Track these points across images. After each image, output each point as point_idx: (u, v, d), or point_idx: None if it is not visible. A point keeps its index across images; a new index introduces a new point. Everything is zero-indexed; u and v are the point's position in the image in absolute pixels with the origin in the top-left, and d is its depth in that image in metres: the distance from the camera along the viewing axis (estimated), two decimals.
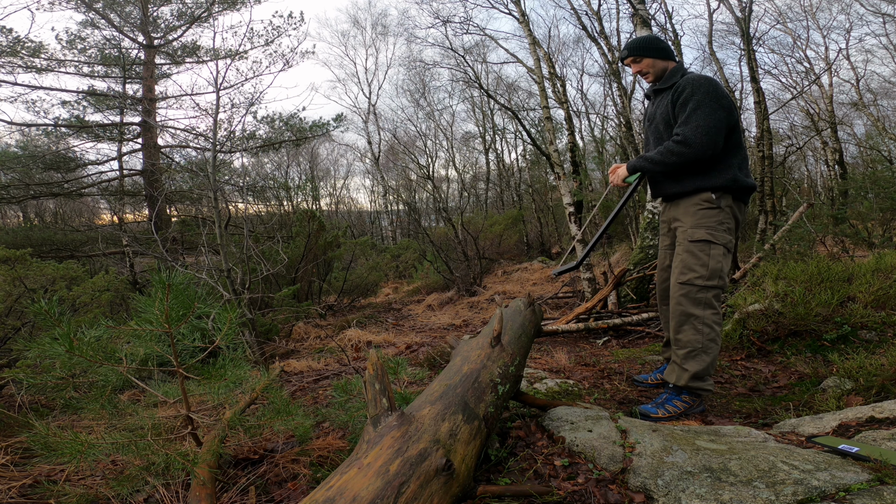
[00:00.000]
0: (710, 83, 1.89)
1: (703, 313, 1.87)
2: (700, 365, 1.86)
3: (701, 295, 1.88)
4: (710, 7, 10.18)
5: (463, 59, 12.37)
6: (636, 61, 2.09)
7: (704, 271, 1.88)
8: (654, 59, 2.06)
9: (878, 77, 16.08)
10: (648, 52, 2.06)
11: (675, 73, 2.03)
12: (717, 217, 1.92)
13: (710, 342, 1.87)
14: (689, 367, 1.87)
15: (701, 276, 1.88)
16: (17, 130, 9.40)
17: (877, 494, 0.91)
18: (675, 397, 1.92)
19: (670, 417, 1.87)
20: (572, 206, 5.83)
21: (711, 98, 1.85)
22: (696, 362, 1.86)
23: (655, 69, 2.07)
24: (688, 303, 1.89)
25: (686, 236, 1.95)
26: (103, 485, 1.41)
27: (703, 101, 1.85)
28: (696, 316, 1.87)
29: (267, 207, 17.22)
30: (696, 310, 1.88)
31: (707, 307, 1.88)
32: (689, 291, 1.89)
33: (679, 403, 1.89)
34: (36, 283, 4.12)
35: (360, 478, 0.90)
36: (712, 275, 1.88)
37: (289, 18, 10.31)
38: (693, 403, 1.91)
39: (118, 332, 1.49)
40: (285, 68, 10.36)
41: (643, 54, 2.07)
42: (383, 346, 4.23)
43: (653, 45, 2.07)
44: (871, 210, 6.75)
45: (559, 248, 13.43)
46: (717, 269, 1.89)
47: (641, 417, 1.87)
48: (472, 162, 24.70)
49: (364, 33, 31.66)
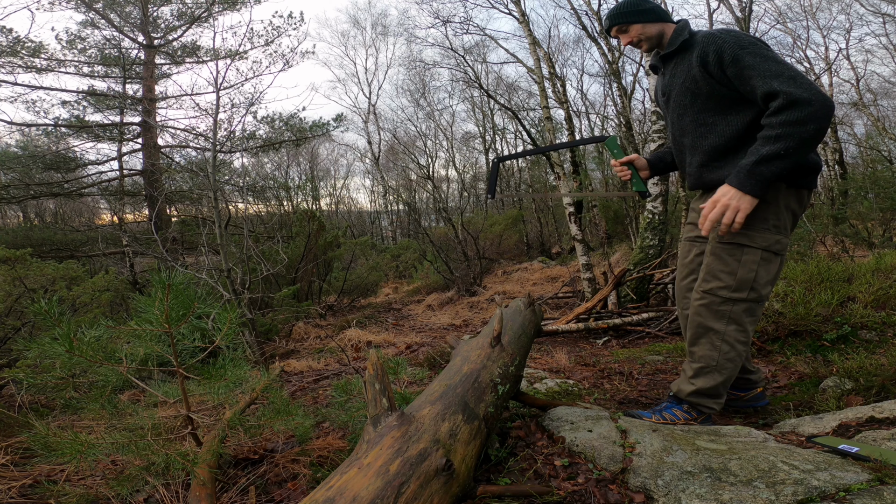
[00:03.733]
0: (739, 32, 1.52)
1: (725, 329, 1.59)
2: (710, 383, 1.63)
3: (724, 308, 1.59)
4: (710, 7, 10.19)
5: (463, 59, 12.38)
6: (623, 30, 1.74)
7: (731, 281, 1.56)
8: (643, 24, 1.70)
9: (878, 77, 16.09)
10: (634, 16, 1.70)
11: (680, 32, 1.65)
12: (762, 212, 1.50)
13: (728, 362, 1.61)
14: (696, 383, 1.65)
15: (726, 287, 1.57)
16: (17, 130, 9.41)
17: (877, 494, 0.91)
18: (675, 406, 1.71)
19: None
20: (572, 205, 5.83)
21: (759, 45, 1.45)
22: (707, 379, 1.64)
23: (648, 35, 1.70)
24: (708, 315, 1.61)
25: (716, 234, 1.59)
26: (103, 485, 1.41)
27: (758, 49, 1.43)
28: (715, 331, 1.60)
29: (267, 207, 17.22)
30: (716, 324, 1.60)
31: (731, 322, 1.59)
32: (712, 302, 1.60)
33: (679, 413, 1.68)
34: (36, 283, 4.12)
35: (360, 478, 0.90)
36: (741, 286, 1.56)
37: (289, 18, 10.32)
38: (694, 417, 1.68)
39: (118, 332, 1.49)
40: (285, 68, 10.38)
41: (629, 20, 1.71)
42: (383, 346, 4.23)
43: (637, 6, 1.70)
44: (871, 210, 6.75)
45: (559, 248, 13.43)
46: (747, 278, 1.55)
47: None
48: (472, 162, 24.73)
49: (364, 33, 31.73)
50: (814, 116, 1.32)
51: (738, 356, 1.62)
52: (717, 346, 1.60)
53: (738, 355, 1.62)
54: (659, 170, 1.93)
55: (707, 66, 1.52)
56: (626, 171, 1.88)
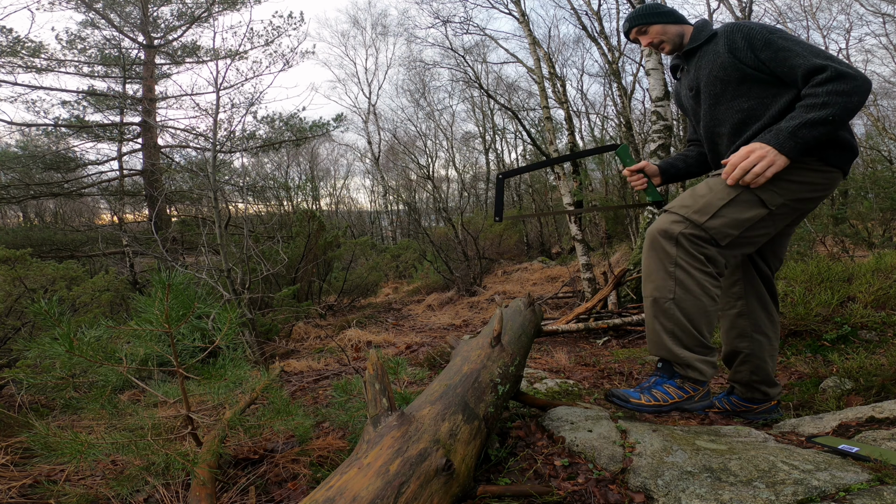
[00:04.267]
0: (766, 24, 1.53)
1: (676, 252, 1.46)
2: (672, 324, 1.47)
3: (676, 227, 1.45)
4: (710, 7, 10.19)
5: (463, 59, 12.39)
6: (642, 32, 1.73)
7: (698, 204, 1.45)
8: (663, 25, 1.70)
9: (878, 77, 16.09)
10: (654, 17, 1.71)
11: (703, 27, 1.66)
12: (802, 175, 1.43)
13: (686, 294, 1.47)
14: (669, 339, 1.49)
15: (688, 207, 1.47)
16: (17, 130, 9.41)
17: (877, 494, 0.91)
18: (666, 381, 1.51)
19: (655, 408, 1.45)
20: (572, 205, 5.83)
21: (785, 31, 1.49)
22: (668, 320, 1.48)
23: (669, 36, 1.69)
24: (663, 232, 1.48)
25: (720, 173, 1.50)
26: (103, 485, 1.41)
27: (787, 34, 1.45)
28: (666, 252, 1.47)
29: (267, 207, 17.23)
30: (668, 244, 1.48)
31: (680, 248, 1.45)
32: (670, 218, 1.50)
33: (673, 390, 1.48)
34: (36, 283, 4.12)
35: (360, 478, 0.90)
36: (704, 209, 1.44)
37: (289, 18, 10.32)
38: (690, 395, 1.47)
39: (118, 332, 1.49)
40: (285, 68, 10.38)
41: (649, 21, 1.71)
42: (383, 346, 4.23)
43: (656, 9, 1.72)
44: (871, 210, 6.75)
45: (559, 248, 13.43)
46: (713, 204, 1.43)
47: (617, 402, 1.48)
48: (472, 162, 24.75)
49: (364, 33, 31.74)
50: (859, 89, 1.34)
51: (693, 298, 1.43)
52: (670, 272, 1.45)
53: (693, 297, 1.43)
54: (670, 176, 1.86)
55: (736, 52, 1.50)
56: (640, 178, 1.80)
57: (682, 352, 1.47)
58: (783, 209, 1.47)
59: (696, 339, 1.47)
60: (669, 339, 1.48)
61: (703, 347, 1.48)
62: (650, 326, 1.51)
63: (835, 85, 1.35)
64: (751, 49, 1.48)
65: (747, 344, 1.69)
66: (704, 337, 1.48)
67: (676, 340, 1.47)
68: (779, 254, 1.75)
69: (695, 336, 1.47)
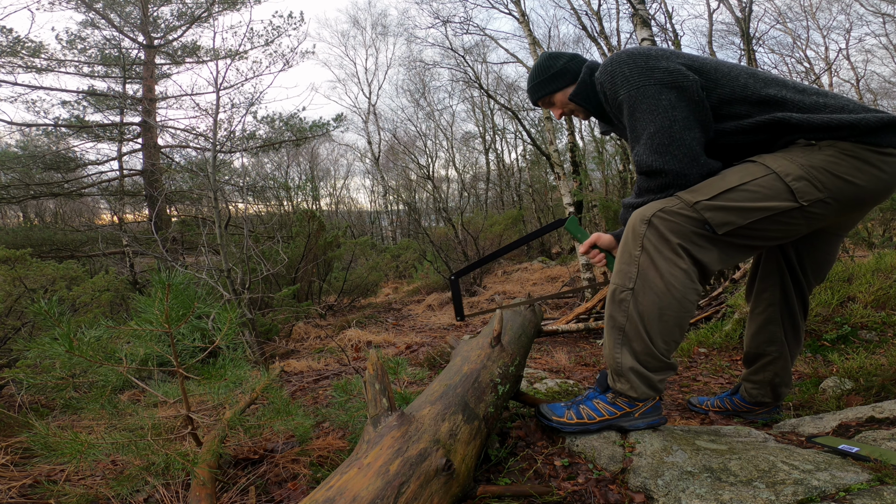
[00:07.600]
0: (627, 61, 1.22)
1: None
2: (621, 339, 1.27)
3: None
4: (710, 7, 10.20)
5: (463, 59, 12.37)
6: (548, 103, 1.49)
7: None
8: (563, 90, 1.44)
9: (878, 77, 16.11)
10: (550, 84, 1.44)
11: (589, 76, 1.39)
12: (820, 154, 1.13)
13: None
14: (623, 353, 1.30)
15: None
16: (17, 130, 9.42)
17: (877, 494, 0.91)
18: (597, 396, 1.35)
19: (580, 426, 1.27)
20: (572, 206, 5.84)
21: (640, 83, 1.18)
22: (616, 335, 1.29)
23: (580, 100, 1.41)
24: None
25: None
26: (103, 485, 1.41)
27: (633, 95, 1.20)
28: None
29: (267, 207, 17.24)
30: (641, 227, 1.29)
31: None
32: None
33: (603, 407, 1.30)
34: (36, 283, 4.12)
35: (360, 478, 0.90)
36: (702, 189, 1.19)
37: (289, 18, 10.33)
38: (625, 411, 1.27)
39: (118, 332, 1.49)
40: (285, 68, 10.39)
41: (549, 91, 1.45)
42: (383, 346, 4.23)
43: (547, 70, 1.43)
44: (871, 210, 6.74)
45: (559, 248, 13.43)
46: (713, 187, 1.18)
47: (541, 418, 1.36)
48: (472, 162, 24.76)
49: (364, 33, 31.75)
50: (669, 185, 1.21)
51: (653, 295, 1.20)
52: (634, 256, 1.23)
53: (653, 293, 1.21)
54: None
55: (616, 112, 1.32)
56: (597, 254, 1.52)
57: (621, 357, 1.23)
58: (820, 207, 1.15)
59: (644, 345, 1.20)
60: (613, 338, 1.24)
61: (650, 358, 1.21)
62: (604, 323, 1.32)
63: (638, 183, 1.30)
64: (618, 113, 1.31)
65: (776, 348, 1.57)
66: (656, 346, 1.20)
67: (620, 342, 1.23)
68: (822, 268, 1.48)
69: (644, 341, 1.20)
